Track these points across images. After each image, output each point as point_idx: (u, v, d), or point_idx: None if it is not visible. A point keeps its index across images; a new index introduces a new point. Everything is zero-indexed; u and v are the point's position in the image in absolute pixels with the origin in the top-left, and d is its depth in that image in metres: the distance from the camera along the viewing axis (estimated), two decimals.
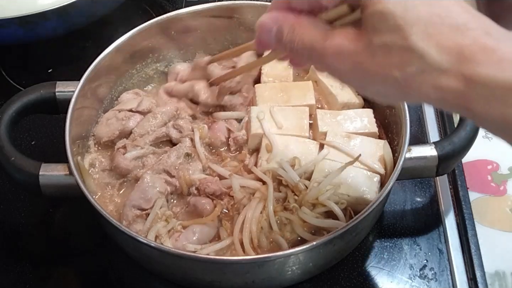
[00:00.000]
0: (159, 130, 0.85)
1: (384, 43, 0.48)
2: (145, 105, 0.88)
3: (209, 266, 0.70)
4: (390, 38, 0.48)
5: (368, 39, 0.49)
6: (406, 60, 0.47)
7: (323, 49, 0.53)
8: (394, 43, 0.48)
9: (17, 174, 0.76)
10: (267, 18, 0.58)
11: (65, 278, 0.82)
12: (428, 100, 0.49)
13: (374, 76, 0.50)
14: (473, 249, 0.80)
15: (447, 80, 0.46)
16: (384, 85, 0.50)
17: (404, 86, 0.49)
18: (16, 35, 0.98)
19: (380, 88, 0.51)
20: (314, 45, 0.53)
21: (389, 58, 0.48)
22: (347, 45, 0.51)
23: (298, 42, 0.55)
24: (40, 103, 0.82)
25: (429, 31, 0.47)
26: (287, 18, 0.56)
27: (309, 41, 0.54)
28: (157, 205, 0.76)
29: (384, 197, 0.72)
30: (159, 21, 0.93)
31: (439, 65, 0.46)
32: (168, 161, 0.81)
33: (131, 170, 0.81)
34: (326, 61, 0.53)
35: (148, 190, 0.77)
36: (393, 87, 0.50)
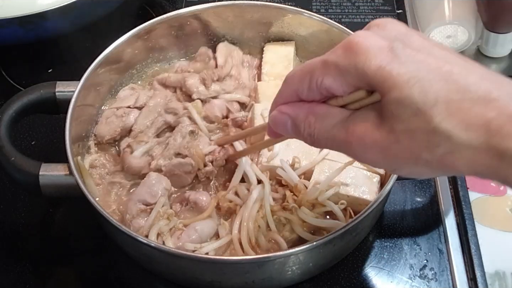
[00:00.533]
0: (157, 120, 0.86)
1: (407, 128, 0.47)
2: (142, 100, 0.88)
3: (209, 266, 0.70)
4: (412, 123, 0.47)
5: (390, 126, 0.48)
6: (433, 143, 0.46)
7: (346, 141, 0.52)
8: (418, 127, 0.46)
9: (17, 174, 0.76)
10: (278, 113, 0.56)
11: (65, 278, 0.82)
12: (463, 174, 0.50)
13: (403, 160, 0.49)
14: (473, 249, 0.80)
15: (479, 157, 0.45)
16: (416, 167, 0.49)
17: (436, 166, 0.48)
18: (16, 35, 0.98)
19: (412, 170, 0.50)
20: (335, 137, 0.52)
21: (415, 142, 0.47)
22: (370, 134, 0.50)
23: (318, 135, 0.54)
24: (40, 103, 0.82)
25: (451, 110, 0.45)
26: (300, 109, 0.55)
27: (329, 134, 0.53)
28: (159, 203, 0.76)
29: (384, 197, 0.72)
30: (159, 21, 0.93)
31: (468, 143, 0.45)
32: (175, 144, 0.81)
33: (143, 167, 0.81)
34: (352, 150, 0.52)
35: (155, 184, 0.77)
36: (425, 167, 0.49)
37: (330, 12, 1.18)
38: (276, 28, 0.97)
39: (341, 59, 0.50)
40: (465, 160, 0.46)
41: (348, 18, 1.17)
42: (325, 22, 0.91)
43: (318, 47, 0.95)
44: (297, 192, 0.76)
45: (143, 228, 0.74)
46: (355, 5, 1.19)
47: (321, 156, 0.80)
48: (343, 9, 1.19)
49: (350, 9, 1.19)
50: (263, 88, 0.89)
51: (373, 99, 0.50)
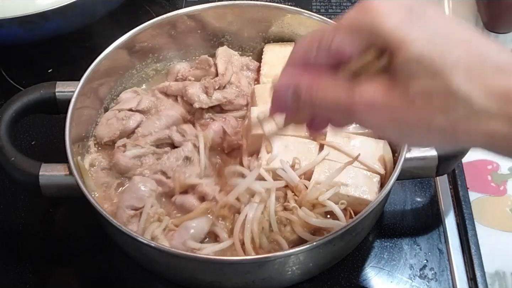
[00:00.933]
0: (161, 131, 0.85)
1: (423, 89, 0.45)
2: (144, 103, 0.88)
3: (209, 266, 0.70)
4: (430, 83, 0.44)
5: (404, 87, 0.46)
6: (451, 106, 0.44)
7: (351, 104, 0.48)
8: (436, 88, 0.44)
9: (17, 174, 0.76)
10: (282, 79, 0.54)
11: (65, 278, 0.82)
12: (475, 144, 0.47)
13: (415, 126, 0.46)
14: (473, 249, 0.80)
15: (496, 125, 0.44)
16: (427, 134, 0.47)
17: (449, 133, 0.46)
18: (16, 35, 0.98)
19: (422, 137, 0.48)
20: (339, 101, 0.49)
21: (431, 105, 0.45)
22: (380, 97, 0.47)
23: (319, 99, 0.51)
24: (40, 103, 0.82)
25: (472, 74, 0.44)
26: (303, 76, 0.52)
27: (332, 97, 0.50)
28: (147, 205, 0.76)
29: (384, 197, 0.72)
30: (159, 21, 0.93)
31: (487, 109, 0.44)
32: (166, 163, 0.81)
33: (130, 168, 0.81)
34: (356, 116, 0.49)
35: (140, 188, 0.77)
36: (437, 135, 0.46)
37: (330, 12, 1.18)
38: (276, 28, 0.97)
39: (355, 17, 0.48)
40: (481, 127, 0.44)
41: None
42: (325, 22, 0.91)
43: None
44: (297, 192, 0.76)
45: (136, 234, 0.74)
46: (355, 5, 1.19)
47: (321, 156, 0.80)
48: (343, 9, 1.19)
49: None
50: (260, 91, 0.89)
51: (381, 63, 0.47)
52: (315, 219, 0.74)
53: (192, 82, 0.91)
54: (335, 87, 0.50)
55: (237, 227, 0.74)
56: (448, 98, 0.44)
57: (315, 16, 0.93)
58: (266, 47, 0.97)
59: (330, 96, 0.50)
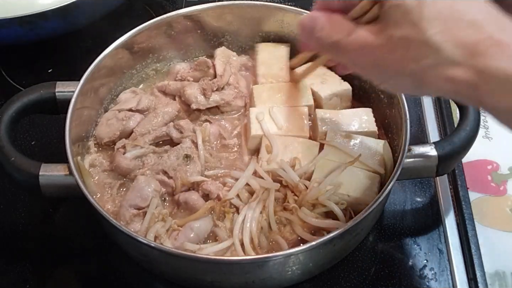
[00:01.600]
0: (159, 129, 0.86)
1: (403, 36, 0.51)
2: (144, 103, 0.88)
3: (210, 266, 0.70)
4: (409, 31, 0.50)
5: (389, 33, 0.52)
6: (422, 54, 0.50)
7: (347, 44, 0.56)
8: (413, 36, 0.50)
9: (17, 174, 0.76)
10: (306, 18, 0.62)
11: (65, 278, 0.82)
12: (442, 92, 0.53)
13: (392, 69, 0.53)
14: (473, 249, 0.80)
15: (460, 72, 0.49)
16: (401, 78, 0.54)
17: (419, 78, 0.52)
18: (16, 35, 0.98)
19: (397, 81, 0.55)
20: (339, 40, 0.57)
21: (407, 51, 0.51)
22: (370, 39, 0.54)
23: (326, 38, 0.58)
24: (40, 103, 0.82)
25: (447, 26, 0.49)
26: (321, 16, 0.60)
27: (335, 36, 0.57)
28: (152, 205, 0.76)
29: (384, 197, 0.72)
30: (159, 21, 0.93)
31: (453, 58, 0.49)
32: (167, 162, 0.81)
33: (132, 170, 0.81)
34: (349, 55, 0.57)
35: (144, 188, 0.77)
36: (409, 79, 0.53)
37: None
38: (276, 28, 0.97)
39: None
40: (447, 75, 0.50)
41: None
42: None
43: None
44: (297, 192, 0.76)
45: (139, 232, 0.74)
46: None
47: (321, 156, 0.80)
48: None
49: None
50: (258, 91, 0.89)
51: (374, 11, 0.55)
52: (315, 220, 0.74)
53: (190, 83, 0.91)
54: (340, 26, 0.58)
55: (237, 227, 0.74)
56: (421, 46, 0.50)
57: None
58: (259, 47, 0.96)
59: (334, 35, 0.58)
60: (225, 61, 0.93)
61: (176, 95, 0.91)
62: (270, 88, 0.89)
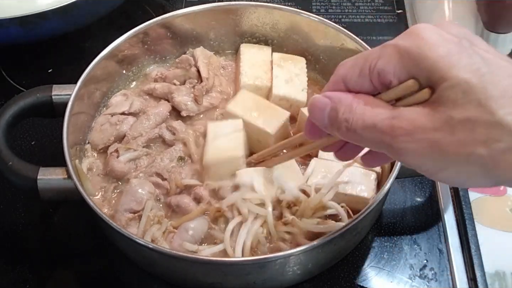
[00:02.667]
0: (151, 131, 0.85)
1: (466, 118, 0.44)
2: (136, 105, 0.88)
3: (210, 268, 0.70)
4: (473, 112, 0.44)
5: (447, 115, 0.45)
6: (494, 136, 0.43)
7: (391, 127, 0.47)
8: (479, 117, 0.44)
9: (15, 179, 0.76)
10: (321, 96, 0.53)
11: (64, 279, 0.82)
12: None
13: (454, 154, 0.45)
14: (473, 249, 0.80)
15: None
16: (466, 166, 0.45)
17: (490, 165, 0.44)
18: (16, 35, 0.98)
19: (461, 169, 0.46)
20: (378, 123, 0.48)
21: (473, 135, 0.44)
22: (423, 121, 0.46)
23: (356, 120, 0.49)
24: (37, 107, 0.82)
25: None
26: (344, 96, 0.51)
27: (371, 119, 0.48)
28: (147, 208, 0.76)
29: (384, 195, 0.72)
30: (159, 21, 0.93)
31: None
32: (160, 164, 0.81)
33: (126, 173, 0.81)
34: (394, 141, 0.47)
35: (138, 191, 0.77)
36: (477, 166, 0.45)
37: (330, 12, 1.18)
38: (275, 28, 0.97)
39: (403, 41, 0.47)
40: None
41: (348, 18, 1.17)
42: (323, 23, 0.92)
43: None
44: (298, 203, 0.75)
45: (136, 236, 0.74)
46: (355, 5, 1.19)
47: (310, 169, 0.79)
48: (343, 9, 1.19)
49: (350, 9, 1.19)
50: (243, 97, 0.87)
51: (422, 95, 0.47)
52: (318, 226, 0.73)
53: (177, 88, 0.90)
54: (377, 106, 0.49)
55: (226, 240, 0.73)
56: (491, 128, 0.43)
57: (314, 16, 0.93)
58: (242, 47, 0.96)
59: (369, 116, 0.48)
60: (207, 62, 0.93)
61: (164, 98, 0.91)
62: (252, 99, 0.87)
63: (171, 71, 0.93)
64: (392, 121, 0.47)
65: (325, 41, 0.93)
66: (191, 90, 0.89)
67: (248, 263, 0.70)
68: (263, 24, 0.97)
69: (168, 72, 0.93)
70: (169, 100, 0.90)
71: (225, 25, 0.97)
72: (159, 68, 0.96)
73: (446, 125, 0.45)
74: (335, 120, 0.51)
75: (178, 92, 0.89)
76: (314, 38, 0.94)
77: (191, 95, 0.89)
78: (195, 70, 0.91)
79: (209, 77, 0.90)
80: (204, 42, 0.98)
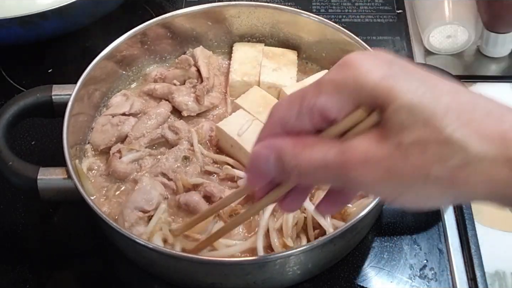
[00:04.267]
0: (154, 132, 0.85)
1: (416, 140, 0.43)
2: (137, 106, 0.88)
3: (210, 268, 0.70)
4: (422, 133, 0.42)
5: (397, 140, 0.43)
6: (446, 154, 0.42)
7: (343, 162, 0.45)
8: (428, 138, 0.42)
9: (15, 179, 0.76)
10: (260, 147, 0.49)
11: (64, 279, 0.82)
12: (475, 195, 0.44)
13: (411, 179, 0.43)
14: (473, 249, 0.80)
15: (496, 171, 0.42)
16: (424, 187, 0.44)
17: (448, 182, 0.43)
18: (16, 35, 0.98)
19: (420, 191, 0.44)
20: (329, 161, 0.46)
21: (426, 156, 0.42)
22: (374, 150, 0.44)
23: (306, 163, 0.47)
24: (37, 107, 0.82)
25: (463, 120, 0.42)
26: (285, 141, 0.48)
27: (321, 158, 0.46)
28: (160, 210, 0.76)
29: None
30: (158, 21, 0.93)
31: (484, 154, 0.42)
32: (166, 164, 0.80)
33: (129, 174, 0.81)
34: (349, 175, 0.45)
35: (150, 191, 0.76)
36: (435, 186, 0.43)
37: (330, 12, 1.18)
38: (275, 29, 0.97)
39: (337, 75, 0.46)
40: (481, 174, 0.42)
41: (348, 18, 1.17)
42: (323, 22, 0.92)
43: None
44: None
45: (143, 235, 0.74)
46: (355, 5, 1.19)
47: None
48: (343, 9, 1.19)
49: (350, 9, 1.19)
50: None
51: (371, 119, 0.45)
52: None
53: (178, 88, 0.90)
54: (323, 145, 0.46)
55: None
56: (442, 146, 0.42)
57: (314, 16, 0.93)
58: (236, 46, 0.97)
59: (318, 157, 0.46)
60: (207, 62, 0.93)
61: (164, 99, 0.91)
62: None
63: (170, 71, 0.93)
64: (342, 156, 0.45)
65: (325, 41, 0.93)
66: (191, 90, 0.89)
67: (248, 263, 0.70)
68: (263, 24, 0.97)
69: (167, 72, 0.93)
70: (170, 101, 0.90)
71: (225, 25, 0.97)
72: (159, 68, 0.96)
73: (398, 150, 0.43)
74: (283, 170, 0.48)
75: (179, 92, 0.89)
76: (314, 38, 0.94)
77: (192, 95, 0.89)
78: (195, 70, 0.91)
79: (210, 77, 0.90)
80: (204, 42, 0.98)
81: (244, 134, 0.81)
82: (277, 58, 0.93)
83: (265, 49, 0.95)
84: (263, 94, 0.88)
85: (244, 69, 0.92)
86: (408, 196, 0.45)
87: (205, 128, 0.86)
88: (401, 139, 0.43)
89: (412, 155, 0.43)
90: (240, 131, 0.81)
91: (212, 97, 0.90)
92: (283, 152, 0.48)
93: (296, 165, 0.47)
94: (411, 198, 0.46)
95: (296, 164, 0.47)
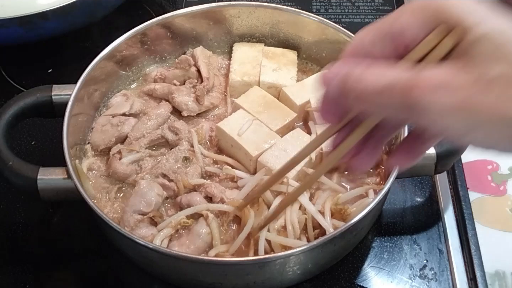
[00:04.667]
0: (154, 132, 0.85)
1: (501, 74, 0.39)
2: (137, 106, 0.88)
3: (210, 268, 0.70)
4: (509, 68, 0.39)
5: (480, 70, 0.40)
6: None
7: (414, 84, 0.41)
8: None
9: (15, 179, 0.76)
10: (327, 70, 0.46)
11: (64, 279, 0.82)
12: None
13: (487, 115, 0.40)
14: (473, 249, 0.80)
15: None
16: (499, 128, 0.40)
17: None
18: (16, 35, 0.98)
19: (492, 131, 0.41)
20: (398, 82, 0.42)
21: (508, 94, 0.39)
22: (452, 77, 0.40)
23: (370, 85, 0.43)
24: (37, 107, 0.82)
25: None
26: (358, 62, 0.45)
27: (389, 81, 0.42)
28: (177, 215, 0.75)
29: (383, 196, 0.72)
30: (158, 21, 0.93)
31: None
32: (166, 165, 0.80)
33: (129, 175, 0.81)
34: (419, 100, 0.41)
35: (147, 193, 0.76)
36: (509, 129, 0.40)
37: (330, 12, 1.18)
38: (275, 29, 0.97)
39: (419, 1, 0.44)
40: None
41: (348, 18, 1.17)
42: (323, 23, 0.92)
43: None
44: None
45: (151, 235, 0.74)
46: (355, 5, 1.19)
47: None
48: (343, 9, 1.19)
49: (350, 9, 1.19)
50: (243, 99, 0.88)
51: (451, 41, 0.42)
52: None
53: (177, 88, 0.90)
54: (394, 69, 0.43)
55: None
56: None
57: (314, 16, 0.93)
58: (235, 46, 0.97)
59: (386, 77, 0.42)
60: (207, 62, 0.93)
61: (164, 99, 0.91)
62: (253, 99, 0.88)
63: (170, 72, 0.93)
64: (415, 77, 0.41)
65: (325, 41, 0.93)
66: (191, 90, 0.89)
67: (248, 263, 0.69)
68: (263, 24, 0.97)
69: (167, 72, 0.93)
70: (170, 101, 0.90)
71: (225, 25, 0.97)
72: (159, 68, 0.96)
73: (479, 82, 0.40)
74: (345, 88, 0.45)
75: (179, 92, 0.89)
76: (314, 38, 0.94)
77: (192, 95, 0.89)
78: (195, 70, 0.91)
79: (210, 77, 0.90)
80: (204, 42, 0.98)
81: (244, 134, 0.81)
82: (277, 58, 0.93)
83: (265, 49, 0.95)
84: (263, 94, 0.88)
85: (244, 69, 0.92)
86: (478, 134, 0.42)
87: (205, 128, 0.86)
88: (485, 70, 0.40)
89: (494, 90, 0.40)
90: (240, 131, 0.81)
91: (212, 97, 0.90)
92: (348, 74, 0.45)
93: (357, 80, 0.44)
94: (480, 138, 0.42)
95: (357, 79, 0.44)
